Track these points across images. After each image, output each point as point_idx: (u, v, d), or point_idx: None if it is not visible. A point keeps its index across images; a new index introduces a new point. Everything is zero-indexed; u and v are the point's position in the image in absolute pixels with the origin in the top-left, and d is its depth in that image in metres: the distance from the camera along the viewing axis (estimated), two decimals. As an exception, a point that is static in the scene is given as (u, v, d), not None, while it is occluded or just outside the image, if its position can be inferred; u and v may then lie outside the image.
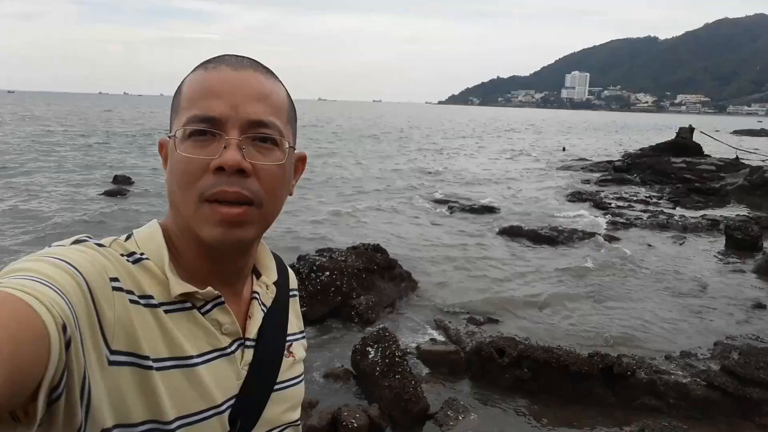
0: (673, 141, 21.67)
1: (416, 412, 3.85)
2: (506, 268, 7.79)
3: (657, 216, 11.15)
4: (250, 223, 0.72)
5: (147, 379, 0.65)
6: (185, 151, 0.70)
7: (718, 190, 14.25)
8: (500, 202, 13.03)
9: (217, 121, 0.70)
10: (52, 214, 10.26)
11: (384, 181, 16.59)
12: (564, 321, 5.84)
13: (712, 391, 4.10)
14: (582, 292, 6.80)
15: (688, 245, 9.25)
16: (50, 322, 0.50)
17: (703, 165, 17.87)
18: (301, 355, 0.89)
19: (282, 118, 0.75)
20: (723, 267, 8.02)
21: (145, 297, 0.68)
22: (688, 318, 5.95)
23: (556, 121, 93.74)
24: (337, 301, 5.65)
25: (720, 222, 10.34)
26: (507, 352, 4.45)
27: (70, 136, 28.37)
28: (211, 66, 0.74)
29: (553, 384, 4.29)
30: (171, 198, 0.74)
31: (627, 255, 8.42)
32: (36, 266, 0.57)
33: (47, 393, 0.50)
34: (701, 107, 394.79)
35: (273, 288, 0.85)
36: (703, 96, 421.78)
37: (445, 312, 5.99)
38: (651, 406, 4.10)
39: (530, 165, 22.66)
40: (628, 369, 4.22)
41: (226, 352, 0.75)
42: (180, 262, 0.75)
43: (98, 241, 0.70)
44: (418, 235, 9.74)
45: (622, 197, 13.88)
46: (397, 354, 4.14)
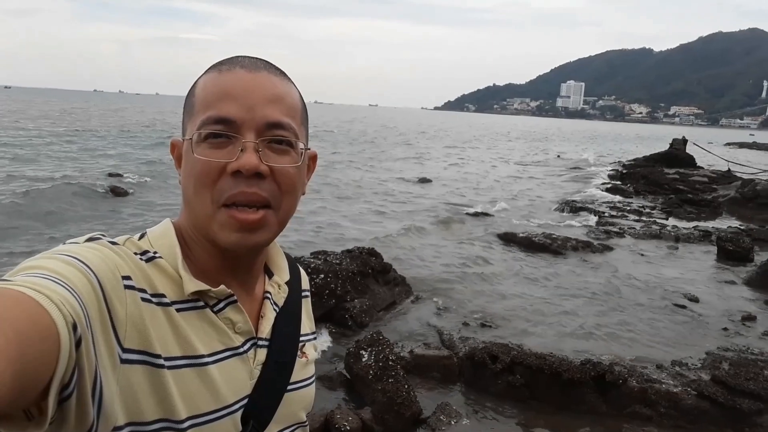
0: (667, 152, 21.85)
1: (409, 416, 3.85)
2: (500, 274, 7.81)
3: (650, 226, 11.22)
4: (267, 228, 0.72)
5: (159, 377, 0.65)
6: (201, 153, 0.70)
7: (710, 202, 14.35)
8: (494, 209, 13.10)
9: (233, 123, 0.70)
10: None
11: (384, 186, 16.62)
12: (556, 329, 5.86)
13: (703, 400, 4.13)
14: (574, 300, 6.83)
15: (681, 256, 9.31)
16: (60, 321, 0.50)
17: (695, 176, 18.02)
18: (312, 356, 0.89)
19: (296, 120, 0.75)
20: (715, 278, 8.08)
21: (158, 295, 0.68)
22: (679, 328, 5.99)
23: (550, 130, 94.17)
24: (331, 304, 5.64)
25: (712, 233, 10.42)
26: (500, 358, 4.47)
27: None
28: (225, 68, 0.73)
29: (545, 391, 4.30)
30: (186, 199, 0.74)
31: (619, 264, 8.47)
32: (49, 264, 0.57)
33: (58, 391, 0.50)
34: (694, 119, 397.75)
35: (285, 288, 0.85)
36: (697, 108, 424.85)
37: (439, 317, 6.00)
38: (642, 415, 4.13)
39: (524, 172, 22.76)
40: (619, 377, 4.25)
41: (239, 352, 0.75)
42: (193, 261, 0.75)
43: (112, 239, 0.70)
44: (413, 240, 9.76)
45: (616, 207, 13.95)
46: (391, 358, 4.14)
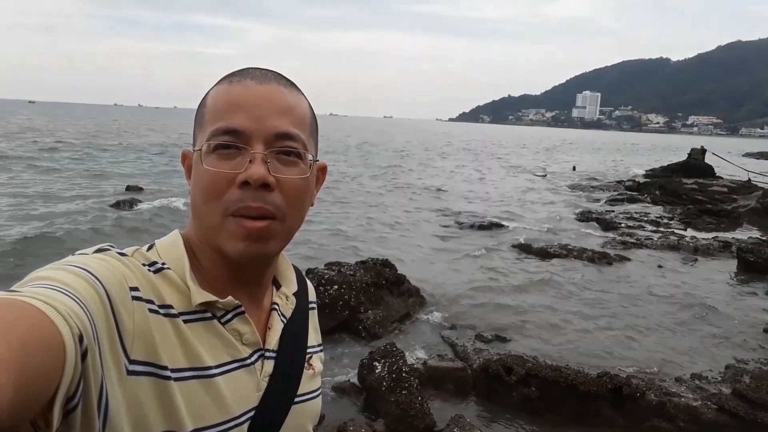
0: (685, 162, 21.61)
1: (422, 428, 3.83)
2: (515, 285, 7.76)
3: (668, 237, 11.07)
4: (274, 237, 0.72)
5: (165, 389, 0.65)
6: (210, 164, 0.70)
7: (730, 212, 14.12)
8: (510, 219, 13.03)
9: (242, 134, 0.70)
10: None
11: (395, 196, 16.67)
12: (572, 341, 5.79)
13: (723, 414, 4.05)
14: (591, 312, 6.75)
15: (700, 267, 9.17)
16: (66, 332, 0.50)
17: (714, 186, 17.77)
18: (319, 368, 0.88)
19: (305, 131, 0.75)
20: (735, 290, 7.93)
21: (165, 306, 0.68)
22: (698, 340, 5.88)
23: (566, 140, 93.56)
24: (345, 315, 5.65)
25: (732, 244, 10.25)
26: (515, 370, 4.43)
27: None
28: (235, 79, 0.74)
29: (560, 403, 4.25)
30: (195, 210, 0.74)
31: (637, 275, 8.36)
32: (56, 275, 0.58)
33: (63, 402, 0.50)
34: (713, 129, 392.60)
35: (293, 299, 0.85)
36: (715, 118, 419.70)
37: (453, 328, 5.97)
38: (660, 429, 4.06)
39: (540, 183, 22.63)
40: (637, 390, 4.18)
41: (246, 363, 0.74)
42: (201, 272, 0.75)
43: (120, 251, 0.70)
44: (427, 250, 9.74)
45: (633, 217, 13.79)
46: (404, 369, 4.13)
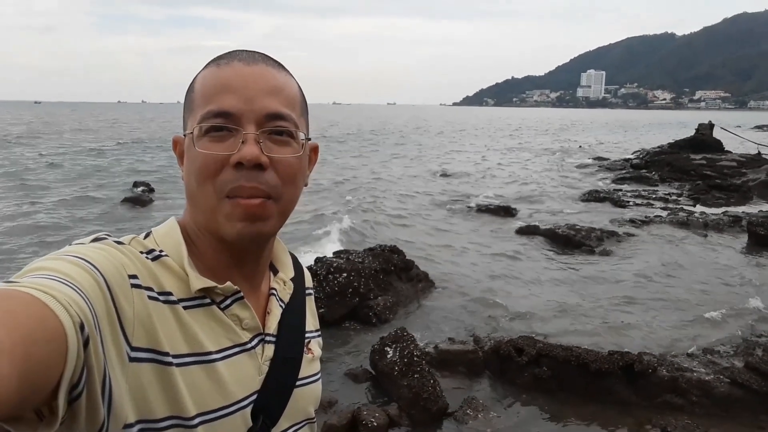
0: (692, 137, 21.35)
1: (435, 410, 3.85)
2: (523, 267, 7.75)
3: (677, 213, 10.99)
4: (270, 217, 0.73)
5: (167, 375, 0.66)
6: (203, 147, 0.70)
7: (739, 187, 14.00)
8: (517, 202, 12.97)
9: (233, 116, 0.70)
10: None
11: (403, 182, 16.63)
12: (582, 320, 5.79)
13: (736, 388, 4.04)
14: (600, 290, 6.74)
15: (710, 242, 9.11)
16: (67, 322, 0.50)
17: (723, 161, 17.57)
18: (318, 353, 0.89)
19: (296, 111, 0.75)
20: (746, 264, 7.88)
21: (164, 293, 0.68)
22: (710, 315, 5.86)
23: (571, 120, 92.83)
24: (355, 302, 5.68)
25: (742, 218, 10.15)
26: (526, 350, 4.44)
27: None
28: (223, 62, 0.74)
29: (572, 382, 4.26)
30: (189, 194, 0.74)
31: (646, 253, 8.32)
32: (55, 265, 0.58)
33: (67, 391, 0.51)
34: (721, 103, 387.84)
35: (290, 284, 0.86)
36: (723, 92, 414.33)
37: (462, 312, 5.98)
38: (673, 404, 4.06)
39: (547, 164, 22.51)
40: (649, 367, 4.18)
41: (247, 348, 0.75)
42: (199, 258, 0.75)
43: (117, 239, 0.70)
44: (436, 235, 9.74)
45: (641, 195, 13.70)
46: (416, 353, 4.15)
